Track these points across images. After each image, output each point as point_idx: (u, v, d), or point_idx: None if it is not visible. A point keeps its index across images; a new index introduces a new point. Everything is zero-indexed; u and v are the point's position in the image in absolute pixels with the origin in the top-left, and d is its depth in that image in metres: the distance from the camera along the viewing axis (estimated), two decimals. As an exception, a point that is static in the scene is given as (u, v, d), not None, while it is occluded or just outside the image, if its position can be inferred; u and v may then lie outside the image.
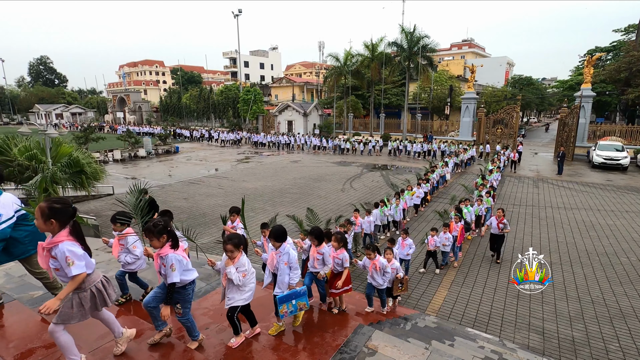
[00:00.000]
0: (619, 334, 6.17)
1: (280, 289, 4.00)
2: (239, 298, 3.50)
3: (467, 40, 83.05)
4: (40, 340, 3.06)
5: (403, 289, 5.51)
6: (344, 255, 4.81)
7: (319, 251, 4.59)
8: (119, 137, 29.91)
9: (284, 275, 3.99)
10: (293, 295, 3.96)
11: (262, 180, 18.78)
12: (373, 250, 5.44)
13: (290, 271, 4.00)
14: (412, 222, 11.88)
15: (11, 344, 3.05)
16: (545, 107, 65.12)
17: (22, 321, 3.49)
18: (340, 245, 4.82)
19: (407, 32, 32.68)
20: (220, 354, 3.27)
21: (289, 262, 3.98)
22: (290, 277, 4.01)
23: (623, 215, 12.78)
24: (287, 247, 4.02)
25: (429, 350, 3.61)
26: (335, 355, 3.44)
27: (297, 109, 40.33)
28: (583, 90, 25.09)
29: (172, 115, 59.91)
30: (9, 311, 3.62)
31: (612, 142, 22.99)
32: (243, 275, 3.50)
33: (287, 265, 3.97)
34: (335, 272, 4.86)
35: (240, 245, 3.52)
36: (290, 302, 3.91)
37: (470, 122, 30.20)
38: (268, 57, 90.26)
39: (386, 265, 5.20)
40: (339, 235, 4.86)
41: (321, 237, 4.63)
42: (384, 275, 5.22)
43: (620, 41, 40.59)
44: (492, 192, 12.06)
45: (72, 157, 9.86)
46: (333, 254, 4.77)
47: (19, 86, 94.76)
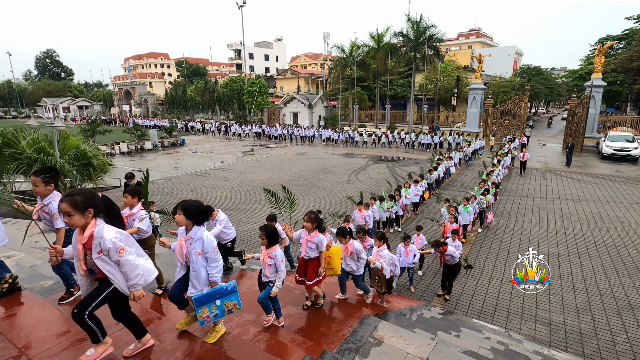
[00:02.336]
0: (627, 326, 6.13)
1: (195, 288, 3.24)
2: None
3: (475, 29, 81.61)
4: (52, 329, 3.11)
5: (379, 284, 5.17)
6: (319, 239, 4.27)
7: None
8: (126, 130, 30.05)
9: (200, 269, 3.22)
10: (216, 294, 3.22)
11: (268, 173, 18.80)
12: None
13: (207, 263, 3.25)
14: (410, 220, 11.53)
15: (22, 332, 3.10)
16: (554, 98, 64.11)
17: (33, 310, 3.56)
18: (313, 226, 4.28)
19: (413, 21, 32.18)
20: (226, 343, 3.31)
21: (204, 250, 3.21)
22: (209, 271, 3.26)
23: (633, 207, 12.61)
24: (202, 231, 3.26)
25: (435, 341, 3.61)
26: (341, 344, 3.46)
27: (302, 100, 40.16)
28: (593, 79, 24.60)
29: (177, 108, 60.01)
30: (20, 301, 3.69)
31: (623, 133, 22.60)
32: None
33: (201, 256, 3.22)
34: (306, 258, 4.34)
35: None
36: (212, 302, 3.18)
37: (477, 113, 29.84)
38: (273, 49, 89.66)
39: (360, 251, 4.88)
40: (312, 215, 4.32)
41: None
42: (359, 261, 4.92)
43: (632, 29, 39.61)
44: (491, 190, 11.40)
45: (80, 150, 9.95)
46: (306, 237, 4.29)
47: (26, 80, 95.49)
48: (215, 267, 3.27)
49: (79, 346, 2.96)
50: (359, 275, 5.03)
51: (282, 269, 3.81)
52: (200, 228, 3.26)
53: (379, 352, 3.37)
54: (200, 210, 3.28)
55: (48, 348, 2.83)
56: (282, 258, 3.83)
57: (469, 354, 3.51)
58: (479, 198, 10.31)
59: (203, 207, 3.35)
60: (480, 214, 10.56)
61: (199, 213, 3.28)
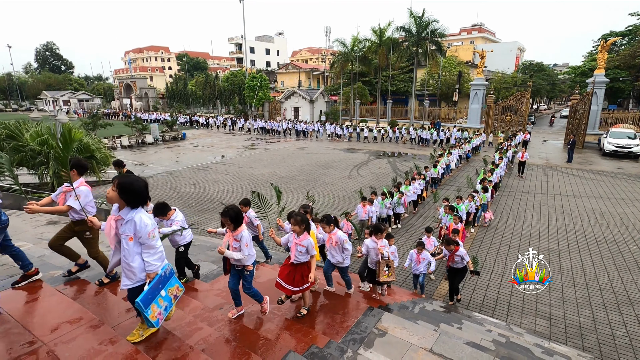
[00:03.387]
0: (626, 320, 6.19)
1: (130, 279, 2.87)
2: None
3: (477, 25, 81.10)
4: (64, 316, 3.17)
5: (390, 274, 4.94)
6: (309, 242, 3.98)
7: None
8: (127, 123, 30.04)
9: (132, 257, 2.83)
10: (159, 284, 2.88)
11: (269, 167, 18.83)
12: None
13: (142, 249, 2.85)
14: (409, 218, 11.40)
15: (36, 320, 3.16)
16: (556, 94, 63.95)
17: (46, 298, 3.63)
18: (302, 229, 3.99)
19: (415, 16, 32.05)
20: (232, 334, 3.36)
21: (136, 234, 2.81)
22: (144, 259, 2.87)
23: (633, 204, 12.65)
24: (136, 212, 2.84)
25: (438, 332, 3.67)
26: (346, 335, 3.51)
27: (303, 95, 40.07)
28: (596, 76, 24.53)
29: (178, 102, 59.90)
30: (33, 289, 3.75)
31: (624, 130, 22.58)
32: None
33: (133, 241, 2.81)
34: (295, 263, 4.03)
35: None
36: (158, 296, 2.84)
37: (479, 109, 29.79)
38: (274, 43, 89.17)
39: (344, 241, 4.71)
40: (299, 217, 4.02)
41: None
42: (343, 252, 4.74)
43: (636, 25, 39.35)
44: (489, 188, 11.20)
45: (83, 143, 9.97)
46: (295, 241, 4.00)
47: (27, 73, 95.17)
48: (153, 254, 2.87)
49: (92, 332, 3.04)
50: (346, 267, 4.87)
51: (248, 252, 3.63)
52: (134, 210, 2.85)
53: (383, 342, 3.43)
54: (136, 192, 2.85)
55: (62, 334, 2.89)
56: (247, 241, 3.62)
57: (472, 345, 3.57)
58: (477, 195, 10.11)
59: (142, 189, 2.89)
60: (475, 212, 10.16)
61: (134, 195, 2.85)
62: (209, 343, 3.04)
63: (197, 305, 3.92)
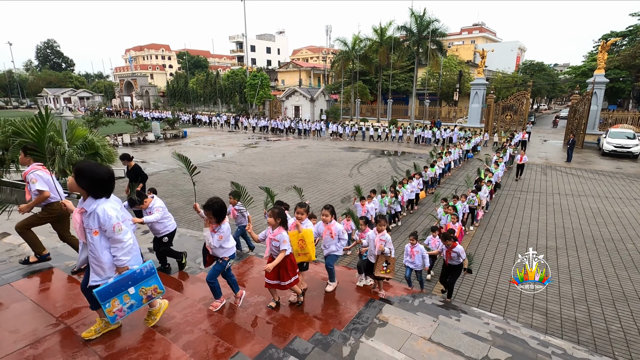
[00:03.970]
0: (621, 316, 6.34)
1: (99, 276, 2.72)
2: None
3: (478, 24, 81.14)
4: (83, 302, 3.32)
5: (388, 271, 4.85)
6: (282, 236, 3.86)
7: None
8: (128, 121, 30.17)
9: (99, 252, 2.65)
10: (128, 280, 2.71)
11: (270, 165, 18.96)
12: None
13: (109, 244, 2.67)
14: (408, 217, 11.45)
15: (58, 304, 3.32)
16: (556, 94, 64.07)
17: (64, 285, 3.84)
18: (277, 222, 3.90)
19: (416, 15, 32.13)
20: (242, 320, 3.50)
21: (101, 227, 2.62)
22: (113, 254, 2.69)
23: (631, 203, 12.79)
24: (99, 204, 2.63)
25: (437, 323, 3.81)
26: (348, 325, 3.66)
27: (304, 94, 40.16)
28: (596, 76, 24.65)
29: (178, 100, 59.98)
30: (49, 277, 3.92)
31: (624, 130, 22.71)
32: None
33: (99, 235, 2.62)
34: (274, 258, 3.94)
35: None
36: (123, 292, 2.69)
37: (479, 109, 29.90)
38: (275, 42, 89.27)
39: (342, 231, 4.71)
40: (276, 210, 3.96)
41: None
42: (339, 242, 4.75)
43: (636, 26, 39.43)
44: (482, 187, 10.98)
45: (88, 140, 10.09)
46: (269, 235, 3.94)
47: (27, 70, 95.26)
48: (121, 249, 2.67)
49: None
50: (337, 255, 4.82)
51: (233, 244, 3.76)
52: (97, 200, 2.62)
53: (384, 331, 3.57)
54: (95, 179, 2.61)
55: (83, 317, 3.05)
56: (227, 233, 3.68)
57: (469, 335, 3.71)
58: (470, 196, 10.00)
59: (104, 176, 2.64)
60: (471, 211, 10.22)
61: (93, 182, 2.62)
62: (219, 328, 3.18)
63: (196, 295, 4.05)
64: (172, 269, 5.20)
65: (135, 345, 2.77)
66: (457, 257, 6.14)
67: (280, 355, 2.75)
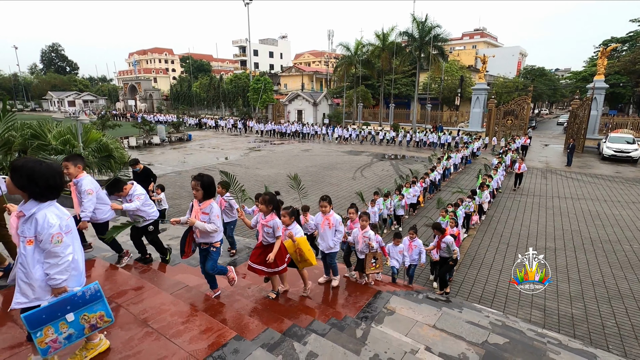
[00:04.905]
0: (616, 313, 6.62)
1: (25, 296, 2.30)
2: None
3: (479, 29, 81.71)
4: (127, 285, 3.68)
5: (377, 265, 4.98)
6: (275, 223, 3.87)
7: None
8: (134, 124, 30.63)
9: (30, 266, 2.25)
10: (66, 304, 2.26)
11: (275, 168, 19.31)
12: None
13: (40, 256, 2.27)
14: (409, 220, 11.58)
15: (106, 287, 3.72)
16: (557, 99, 64.32)
17: (107, 272, 4.31)
18: (269, 209, 3.90)
19: (418, 21, 32.56)
20: (265, 304, 3.83)
21: (37, 237, 2.24)
22: (45, 270, 2.26)
23: (629, 206, 13.06)
24: (43, 209, 2.27)
25: (440, 312, 4.12)
26: (359, 313, 3.97)
27: (307, 98, 40.59)
28: (595, 81, 24.98)
29: (182, 103, 60.54)
30: (95, 266, 4.40)
31: (623, 135, 23.00)
32: None
33: (33, 246, 2.23)
34: (265, 244, 3.99)
35: None
36: (59, 319, 2.23)
37: (480, 113, 30.23)
38: (277, 46, 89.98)
39: (339, 222, 4.71)
40: (267, 196, 3.95)
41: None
42: (335, 235, 4.71)
43: (636, 31, 39.82)
44: (477, 191, 11.00)
45: (102, 142, 10.47)
46: (261, 221, 3.93)
47: (32, 73, 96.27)
48: (57, 265, 2.23)
49: (155, 296, 3.62)
50: (335, 252, 4.78)
51: (219, 225, 3.53)
52: (39, 204, 2.24)
53: (392, 319, 3.88)
54: (36, 179, 2.21)
55: (130, 298, 3.42)
56: (217, 213, 3.51)
57: (471, 323, 4.02)
58: (465, 202, 9.98)
59: (46, 175, 2.22)
60: (467, 217, 10.10)
61: (35, 183, 2.21)
62: (247, 309, 3.54)
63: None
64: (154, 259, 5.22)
65: (181, 320, 3.14)
66: (446, 248, 6.29)
67: (304, 332, 3.09)
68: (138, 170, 8.50)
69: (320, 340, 2.94)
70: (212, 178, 3.57)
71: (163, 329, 2.87)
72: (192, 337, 2.81)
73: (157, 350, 2.62)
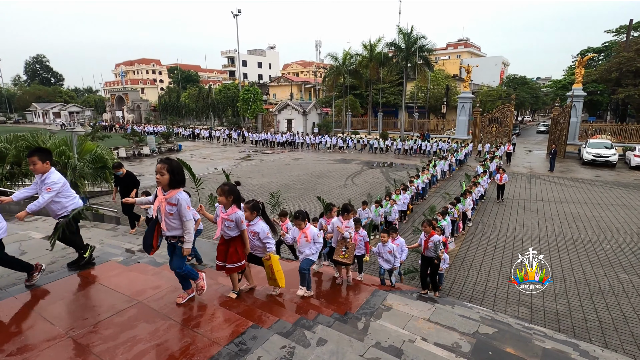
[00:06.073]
0: (597, 308, 7.01)
1: None
2: None
3: (463, 39, 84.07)
4: (147, 284, 3.90)
5: (347, 255, 4.91)
6: (237, 216, 3.66)
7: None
8: (124, 135, 30.52)
9: None
10: None
11: (267, 177, 19.51)
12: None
13: None
14: (400, 226, 11.52)
15: (124, 286, 3.90)
16: (539, 106, 66.41)
17: (124, 274, 4.50)
18: (229, 200, 3.69)
19: (404, 32, 33.50)
20: (271, 301, 4.05)
21: None
22: None
23: (609, 208, 13.67)
24: None
25: (434, 307, 4.40)
26: (358, 310, 4.22)
27: (296, 107, 41.04)
28: (574, 90, 26.05)
29: (170, 114, 60.37)
30: (110, 268, 4.63)
31: (602, 140, 23.97)
32: None
33: None
34: (226, 238, 3.81)
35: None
36: None
37: (466, 121, 31.10)
38: (266, 57, 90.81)
39: (317, 235, 4.57)
40: (227, 187, 3.77)
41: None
42: (314, 245, 4.54)
43: (611, 42, 41.69)
44: (463, 201, 11.02)
45: (97, 153, 10.57)
46: (222, 214, 3.73)
47: (15, 85, 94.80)
48: None
49: (173, 293, 3.85)
50: (312, 260, 4.56)
51: (189, 217, 3.20)
52: None
53: (390, 314, 4.14)
54: None
55: (150, 295, 3.64)
56: (187, 203, 3.21)
57: (462, 317, 4.31)
58: (449, 209, 9.95)
59: None
60: (452, 223, 10.07)
61: None
62: (257, 304, 3.77)
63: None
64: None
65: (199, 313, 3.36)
66: (433, 247, 6.15)
67: (311, 324, 3.34)
68: (121, 174, 7.93)
69: (327, 330, 3.20)
70: (180, 166, 3.26)
71: (185, 321, 3.11)
72: (213, 327, 3.05)
73: (182, 339, 2.85)
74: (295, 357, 2.72)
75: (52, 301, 3.65)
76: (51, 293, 3.83)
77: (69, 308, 3.50)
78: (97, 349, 2.76)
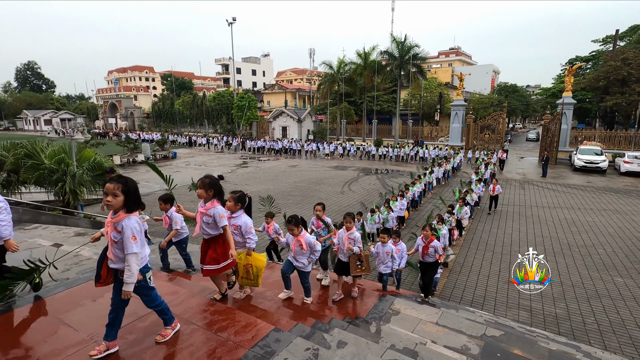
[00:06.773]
0: (594, 311, 7.17)
1: None
2: None
3: (454, 48, 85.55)
4: (162, 291, 3.90)
5: (363, 268, 4.87)
6: (217, 211, 3.43)
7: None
8: (119, 142, 30.34)
9: None
10: None
11: (264, 184, 19.53)
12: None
13: None
14: None
15: (167, 292, 3.95)
16: (530, 114, 67.59)
17: (165, 280, 4.56)
18: (209, 194, 3.50)
19: (398, 41, 34.05)
20: (282, 308, 4.11)
21: None
22: None
23: (601, 213, 13.97)
24: None
25: (441, 311, 4.50)
26: (367, 314, 4.29)
27: (291, 115, 41.26)
28: (564, 98, 26.66)
29: (164, 121, 60.16)
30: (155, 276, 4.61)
31: (592, 147, 24.49)
32: None
33: None
34: (206, 238, 3.59)
35: None
36: None
37: (459, 128, 31.56)
38: (260, 64, 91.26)
39: (315, 244, 4.35)
40: (207, 180, 3.60)
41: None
42: (311, 255, 4.37)
43: (599, 51, 42.80)
44: (460, 210, 11.09)
45: (96, 161, 10.56)
46: (200, 209, 3.53)
47: (5, 92, 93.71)
48: None
49: (191, 300, 3.92)
50: (307, 272, 4.42)
51: (133, 249, 2.57)
52: None
53: (398, 319, 4.23)
54: None
55: (169, 301, 3.65)
56: (134, 233, 2.60)
57: (469, 320, 4.41)
58: (445, 217, 9.84)
59: None
60: (449, 232, 9.75)
61: None
62: (274, 310, 3.80)
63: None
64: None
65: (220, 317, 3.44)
66: (433, 253, 6.04)
67: (327, 327, 3.42)
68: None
69: (343, 333, 3.28)
70: (134, 182, 2.73)
71: (207, 326, 3.16)
72: (236, 330, 3.10)
73: (207, 342, 2.90)
74: (320, 358, 2.80)
75: (70, 307, 3.66)
76: (69, 300, 3.84)
77: (89, 314, 3.51)
78: (124, 353, 2.81)
